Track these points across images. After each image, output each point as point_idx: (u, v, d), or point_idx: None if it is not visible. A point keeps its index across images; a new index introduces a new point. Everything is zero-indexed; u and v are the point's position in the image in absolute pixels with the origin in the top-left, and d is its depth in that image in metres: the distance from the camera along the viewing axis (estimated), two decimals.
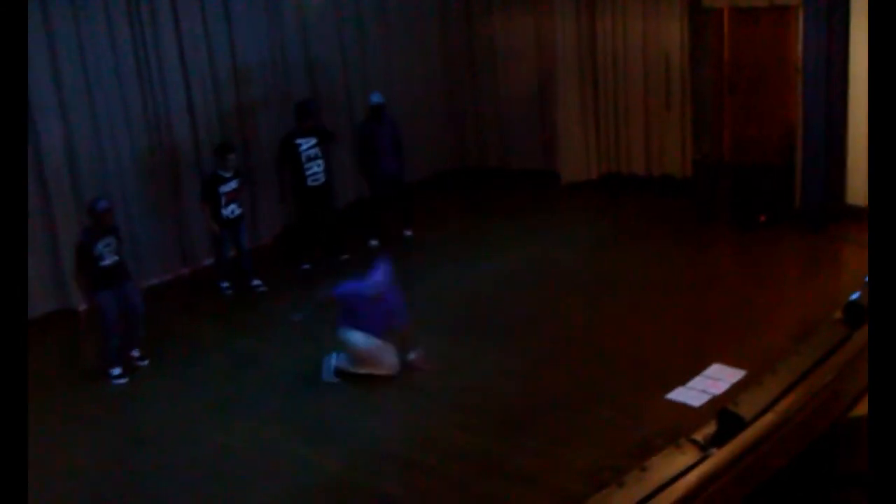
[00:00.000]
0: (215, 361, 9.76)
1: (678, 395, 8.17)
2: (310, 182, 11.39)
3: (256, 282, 11.26)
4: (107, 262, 9.26)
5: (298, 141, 11.32)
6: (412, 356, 9.12)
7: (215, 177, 10.91)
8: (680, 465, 4.79)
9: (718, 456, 4.85)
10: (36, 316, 10.68)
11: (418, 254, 12.23)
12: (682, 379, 8.36)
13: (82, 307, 11.05)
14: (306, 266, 11.82)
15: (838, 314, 6.01)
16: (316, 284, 10.55)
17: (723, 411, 5.11)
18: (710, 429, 5.09)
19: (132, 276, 9.81)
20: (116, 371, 9.47)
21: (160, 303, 10.93)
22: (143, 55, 11.39)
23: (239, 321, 10.65)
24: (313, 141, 11.36)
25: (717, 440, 4.96)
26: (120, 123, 11.28)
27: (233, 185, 10.91)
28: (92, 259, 9.20)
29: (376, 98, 12.25)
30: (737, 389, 7.69)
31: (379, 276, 9.02)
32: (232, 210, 10.96)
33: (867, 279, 5.16)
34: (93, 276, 9.26)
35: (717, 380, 8.31)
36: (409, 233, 12.71)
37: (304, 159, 11.30)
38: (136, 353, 9.70)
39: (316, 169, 11.36)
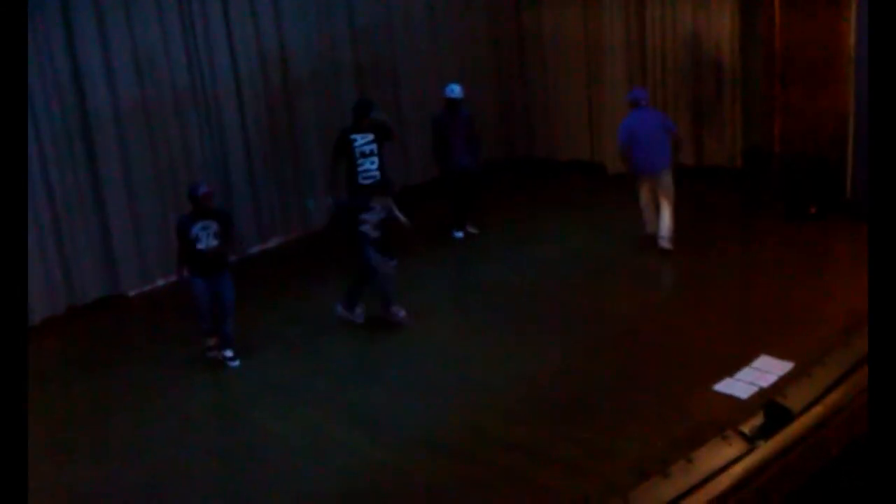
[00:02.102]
0: (263, 347, 9.83)
1: (725, 386, 8.11)
2: (361, 179, 10.96)
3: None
4: (202, 245, 9.15)
5: (353, 136, 10.91)
6: None
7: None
8: (726, 457, 4.79)
9: (765, 448, 4.85)
10: (87, 301, 10.88)
11: (464, 243, 12.26)
12: (729, 370, 8.29)
13: (132, 293, 11.24)
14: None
15: None
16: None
17: (770, 403, 5.10)
18: (757, 421, 5.08)
19: (229, 267, 9.53)
20: (211, 342, 9.54)
21: None
22: (192, 38, 11.49)
23: (291, 309, 10.71)
24: (370, 137, 10.90)
25: (765, 432, 4.95)
26: (169, 108, 11.38)
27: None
28: (188, 242, 9.15)
29: (451, 92, 12.12)
30: (785, 382, 7.64)
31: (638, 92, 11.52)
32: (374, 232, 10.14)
33: None
34: (189, 260, 9.24)
35: (765, 372, 8.23)
36: (471, 230, 12.54)
37: (357, 155, 10.98)
38: (228, 354, 9.52)
39: (369, 166, 10.87)
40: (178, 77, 11.42)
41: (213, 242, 9.18)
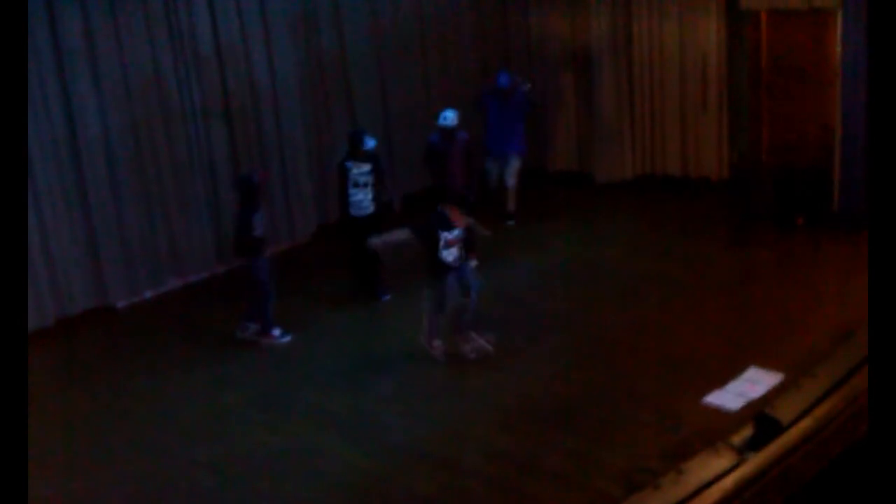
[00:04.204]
0: (252, 358, 9.82)
1: (715, 398, 8.13)
2: (353, 211, 10.73)
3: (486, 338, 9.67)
4: (259, 232, 9.74)
5: (348, 165, 10.71)
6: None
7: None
8: (716, 469, 4.79)
9: (755, 460, 4.85)
10: (75, 313, 10.82)
11: None
12: (720, 381, 8.32)
13: (120, 304, 11.19)
14: (387, 297, 10.90)
15: None
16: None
17: (760, 415, 5.10)
18: (747, 432, 5.09)
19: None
20: (277, 331, 10.04)
21: (196, 300, 11.01)
22: (179, 48, 11.40)
23: (278, 319, 10.65)
24: (365, 168, 10.67)
25: (754, 444, 4.95)
26: (156, 120, 11.30)
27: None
28: (250, 229, 9.68)
29: (444, 120, 11.40)
30: (774, 393, 7.66)
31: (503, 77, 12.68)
32: (451, 254, 9.35)
33: None
34: (250, 245, 9.78)
35: (754, 383, 8.25)
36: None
37: (350, 185, 10.66)
38: (276, 332, 10.09)
39: (361, 196, 10.67)
40: (165, 88, 11.33)
41: (262, 229, 9.86)
